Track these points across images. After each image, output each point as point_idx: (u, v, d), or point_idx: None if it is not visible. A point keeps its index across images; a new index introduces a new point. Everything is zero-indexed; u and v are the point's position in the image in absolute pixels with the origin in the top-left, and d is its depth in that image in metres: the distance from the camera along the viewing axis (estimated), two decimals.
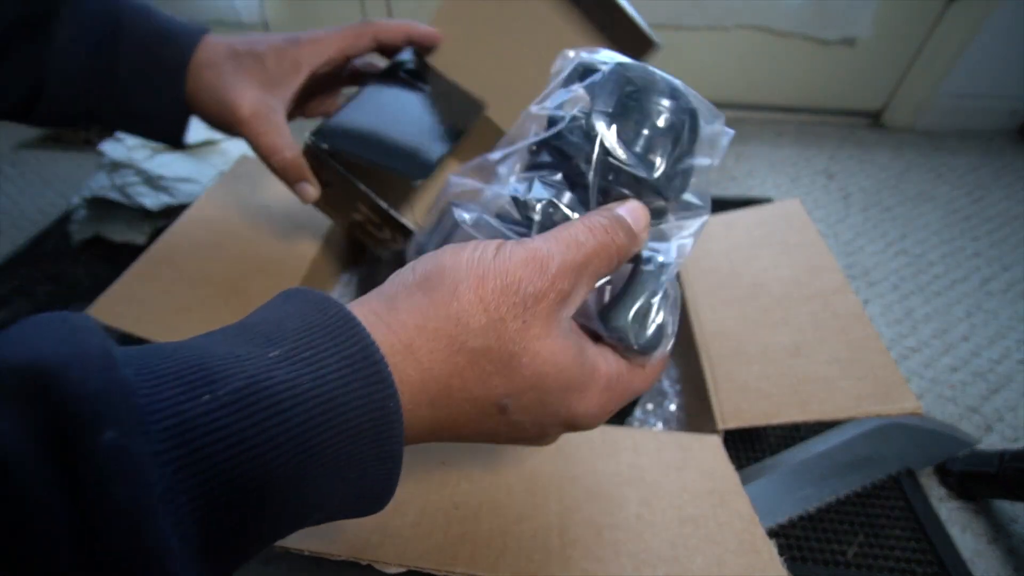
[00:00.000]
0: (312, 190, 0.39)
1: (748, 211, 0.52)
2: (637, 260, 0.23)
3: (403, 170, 0.39)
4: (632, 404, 0.43)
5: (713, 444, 0.34)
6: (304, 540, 0.26)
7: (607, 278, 0.22)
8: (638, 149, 0.22)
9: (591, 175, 0.22)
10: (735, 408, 0.36)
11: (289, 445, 0.14)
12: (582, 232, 0.20)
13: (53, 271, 0.67)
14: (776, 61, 0.95)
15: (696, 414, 0.40)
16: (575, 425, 0.21)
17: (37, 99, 0.32)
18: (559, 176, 0.23)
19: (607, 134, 0.21)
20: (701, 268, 0.48)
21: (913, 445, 0.47)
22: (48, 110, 0.33)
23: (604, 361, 0.21)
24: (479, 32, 0.45)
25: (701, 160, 0.23)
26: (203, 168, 0.68)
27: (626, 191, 0.22)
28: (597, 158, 0.21)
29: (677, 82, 0.23)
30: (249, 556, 0.16)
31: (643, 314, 0.22)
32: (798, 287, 0.42)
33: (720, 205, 0.76)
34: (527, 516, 0.28)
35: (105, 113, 0.35)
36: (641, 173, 0.21)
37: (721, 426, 0.35)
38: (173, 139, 0.38)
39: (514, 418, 0.19)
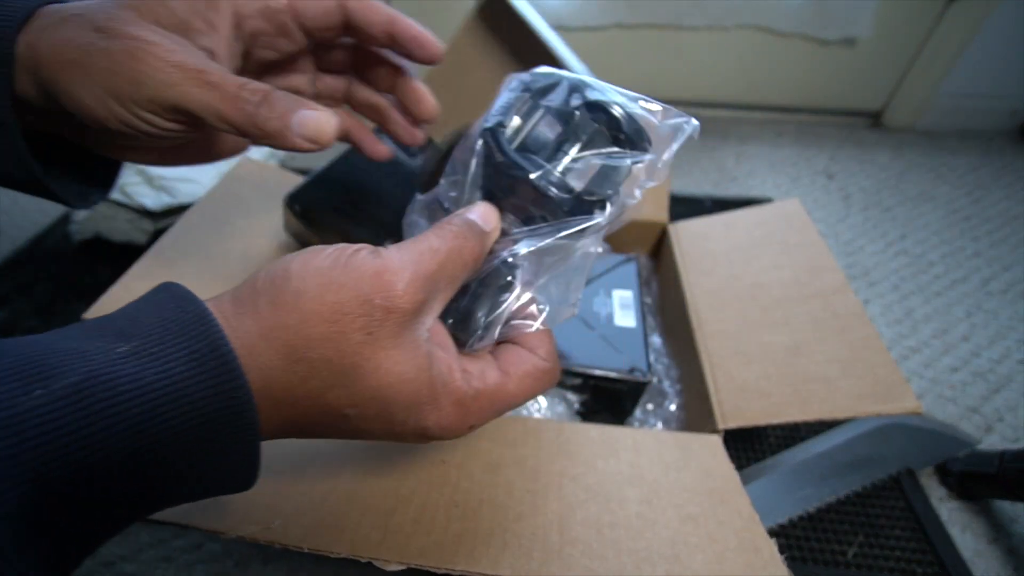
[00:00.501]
0: (324, 121, 0.22)
1: (748, 211, 0.52)
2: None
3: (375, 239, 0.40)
4: (632, 404, 0.43)
5: (713, 444, 0.34)
6: (304, 538, 0.26)
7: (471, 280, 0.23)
8: (521, 148, 0.22)
9: (468, 177, 0.23)
10: (735, 408, 0.36)
11: (129, 434, 0.15)
12: (435, 239, 0.20)
13: (53, 271, 0.67)
14: (776, 61, 0.95)
15: (696, 414, 0.40)
16: (429, 436, 0.21)
17: None
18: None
19: (489, 139, 0.22)
20: (701, 268, 0.48)
21: (913, 445, 0.47)
22: None
23: (462, 376, 0.21)
24: (458, 101, 0.46)
25: (639, 157, 0.22)
26: (204, 168, 0.68)
27: (521, 194, 0.22)
28: (476, 162, 0.22)
29: (595, 82, 0.23)
30: (103, 539, 0.17)
31: (466, 314, 0.22)
32: (798, 287, 0.42)
33: (720, 205, 0.77)
34: (527, 514, 0.28)
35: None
36: (517, 172, 0.21)
37: (721, 426, 0.35)
38: (34, 187, 0.24)
39: (361, 426, 0.20)
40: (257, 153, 0.69)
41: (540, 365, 0.23)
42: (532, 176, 0.21)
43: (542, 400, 0.42)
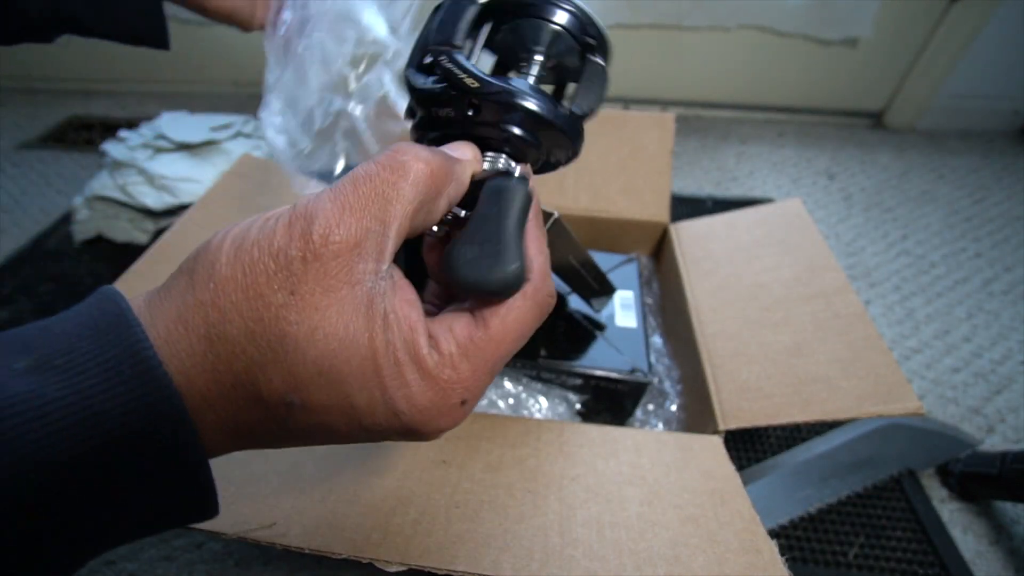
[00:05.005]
0: None
1: (749, 211, 0.52)
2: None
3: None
4: (633, 405, 0.43)
5: (714, 444, 0.34)
6: (305, 539, 0.26)
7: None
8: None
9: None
10: (736, 408, 0.36)
11: (26, 466, 0.12)
12: (360, 170, 0.16)
13: (55, 270, 0.67)
14: (777, 61, 0.95)
15: (697, 414, 0.40)
16: (409, 425, 0.16)
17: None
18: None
19: (449, 64, 0.19)
20: (702, 268, 0.48)
21: (915, 446, 0.47)
22: (11, 17, 0.29)
23: (427, 341, 0.16)
24: None
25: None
26: (205, 167, 0.68)
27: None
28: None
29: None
30: None
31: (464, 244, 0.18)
32: (799, 287, 0.42)
33: (721, 205, 0.77)
34: (528, 515, 0.28)
35: (78, 12, 0.30)
36: (501, 97, 0.18)
37: (722, 426, 0.35)
38: (154, 35, 0.32)
39: (314, 420, 0.16)
40: (257, 152, 0.69)
41: (525, 290, 0.18)
42: (528, 104, 0.18)
43: (543, 400, 0.42)
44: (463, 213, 0.19)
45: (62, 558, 0.14)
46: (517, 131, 0.19)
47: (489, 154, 0.20)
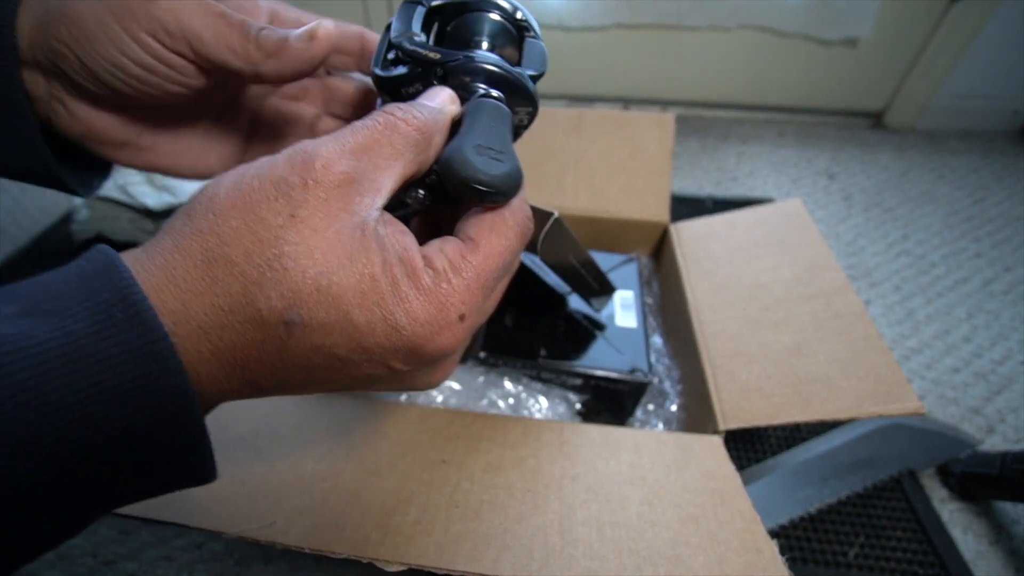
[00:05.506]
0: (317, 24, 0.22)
1: (749, 211, 0.52)
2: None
3: None
4: (633, 405, 0.43)
5: (714, 444, 0.34)
6: (305, 538, 0.26)
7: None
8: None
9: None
10: (736, 408, 0.36)
11: (12, 407, 0.12)
12: (359, 121, 0.18)
13: None
14: (778, 61, 0.95)
15: (697, 414, 0.40)
16: (410, 342, 0.17)
17: None
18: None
19: (407, 44, 0.21)
20: (702, 268, 0.48)
21: (915, 446, 0.47)
22: None
23: (422, 260, 0.17)
24: None
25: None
26: None
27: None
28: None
29: None
30: (29, 553, 0.14)
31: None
32: (799, 287, 0.42)
33: (721, 205, 0.77)
34: (528, 515, 0.28)
35: None
36: (460, 63, 0.21)
37: (722, 426, 0.35)
38: (45, 174, 0.23)
39: (314, 340, 0.16)
40: None
41: (502, 213, 0.19)
42: (488, 64, 0.21)
43: (543, 400, 0.42)
44: (421, 194, 0.21)
45: (56, 512, 0.14)
46: (483, 88, 0.21)
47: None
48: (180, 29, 0.20)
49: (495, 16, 0.24)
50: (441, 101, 0.20)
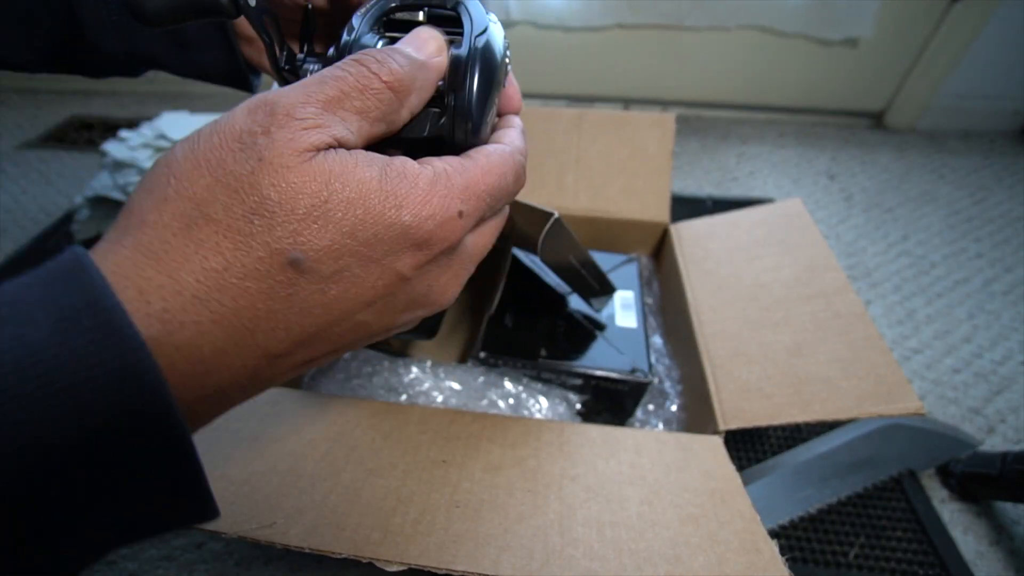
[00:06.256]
0: None
1: (749, 211, 0.52)
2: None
3: None
4: (633, 405, 0.43)
5: (714, 444, 0.33)
6: (305, 538, 0.26)
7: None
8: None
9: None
10: (736, 408, 0.36)
11: None
12: (328, 73, 0.17)
13: None
14: (778, 62, 0.95)
15: (697, 414, 0.40)
16: (416, 236, 0.16)
17: (79, 44, 0.27)
18: None
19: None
20: (702, 268, 0.48)
21: (915, 446, 0.47)
22: (93, 56, 0.28)
23: (416, 163, 0.17)
24: None
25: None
26: None
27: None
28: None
29: None
30: None
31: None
32: (799, 287, 0.42)
33: (721, 206, 0.77)
34: (528, 515, 0.28)
35: (156, 54, 0.29)
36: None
37: (722, 426, 0.35)
38: (233, 78, 0.30)
39: (325, 269, 0.15)
40: None
41: (497, 145, 0.19)
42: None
43: (543, 400, 0.42)
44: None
45: (18, 559, 0.12)
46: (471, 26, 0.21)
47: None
48: None
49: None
50: (428, 53, 0.18)
